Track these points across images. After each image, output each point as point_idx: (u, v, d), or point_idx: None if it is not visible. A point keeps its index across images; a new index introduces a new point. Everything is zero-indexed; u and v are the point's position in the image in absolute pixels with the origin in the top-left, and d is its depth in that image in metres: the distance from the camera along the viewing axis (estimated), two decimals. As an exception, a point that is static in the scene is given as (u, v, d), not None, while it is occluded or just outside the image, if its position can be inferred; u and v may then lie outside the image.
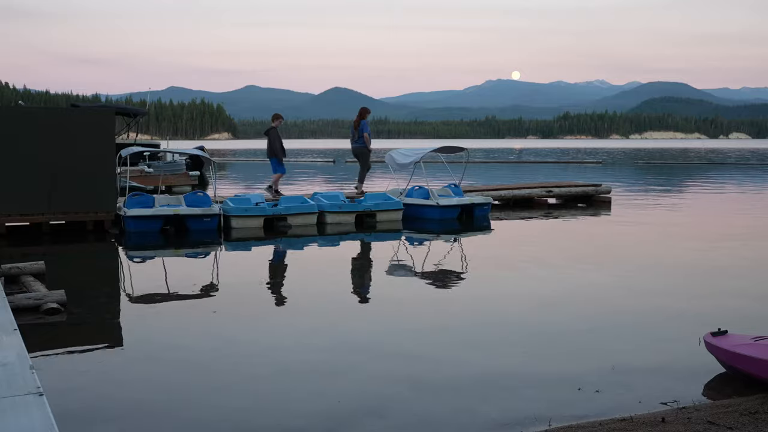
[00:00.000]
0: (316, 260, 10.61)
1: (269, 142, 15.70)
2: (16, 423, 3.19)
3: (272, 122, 16.02)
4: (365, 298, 7.88)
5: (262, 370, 5.33)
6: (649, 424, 4.13)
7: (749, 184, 26.96)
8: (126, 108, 25.54)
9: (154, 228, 12.57)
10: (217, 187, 17.53)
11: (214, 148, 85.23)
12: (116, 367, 5.43)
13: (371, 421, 4.39)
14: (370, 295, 8.04)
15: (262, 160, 52.59)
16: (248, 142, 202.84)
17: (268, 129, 15.88)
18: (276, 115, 16.26)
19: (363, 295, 8.10)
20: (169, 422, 4.38)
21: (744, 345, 5.00)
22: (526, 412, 4.46)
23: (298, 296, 7.88)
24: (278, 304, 7.58)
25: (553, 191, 17.90)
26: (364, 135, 16.01)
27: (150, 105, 44.81)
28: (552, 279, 8.71)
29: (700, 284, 8.49)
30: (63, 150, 12.27)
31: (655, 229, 13.56)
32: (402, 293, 8.16)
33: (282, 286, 8.57)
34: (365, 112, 16.40)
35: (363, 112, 16.31)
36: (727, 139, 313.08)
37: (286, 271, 9.68)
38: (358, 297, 7.97)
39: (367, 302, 7.69)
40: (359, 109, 16.42)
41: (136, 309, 7.31)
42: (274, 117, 16.23)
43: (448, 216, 14.48)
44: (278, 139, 15.64)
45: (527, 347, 5.85)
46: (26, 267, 8.20)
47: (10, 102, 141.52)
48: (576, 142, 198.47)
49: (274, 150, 15.65)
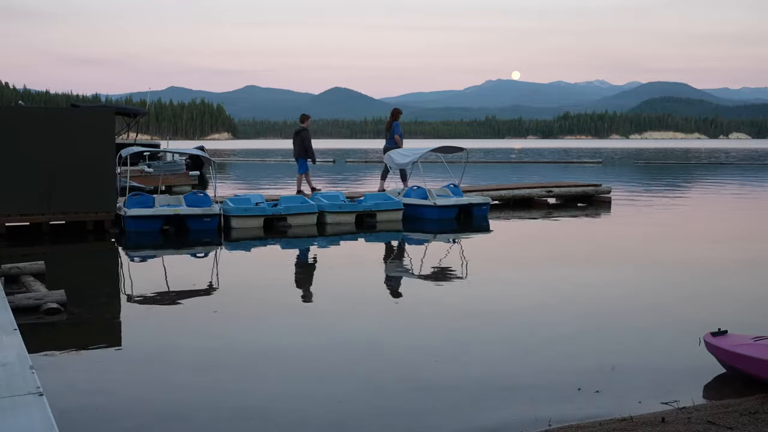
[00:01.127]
0: (316, 260, 10.61)
1: (301, 142, 16.12)
2: (16, 423, 3.19)
3: (302, 123, 16.45)
4: (365, 298, 7.87)
5: (262, 369, 5.33)
6: (649, 424, 4.13)
7: (749, 184, 26.95)
8: (126, 108, 25.53)
9: (154, 228, 12.57)
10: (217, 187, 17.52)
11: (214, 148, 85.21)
12: (116, 367, 5.43)
13: (372, 421, 4.39)
14: (370, 295, 8.03)
15: (262, 160, 52.61)
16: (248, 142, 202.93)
17: (300, 129, 16.30)
18: (306, 116, 16.65)
19: (363, 295, 8.08)
20: (169, 422, 4.38)
21: (744, 345, 5.00)
22: (526, 412, 4.46)
23: (298, 296, 7.88)
24: (278, 304, 7.57)
25: (553, 191, 17.90)
26: (395, 136, 16.42)
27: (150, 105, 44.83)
28: (552, 279, 8.71)
29: (700, 284, 8.49)
30: (63, 150, 12.27)
31: (656, 228, 13.56)
32: (401, 293, 8.17)
33: (282, 286, 8.57)
34: (397, 113, 16.85)
35: (395, 113, 16.74)
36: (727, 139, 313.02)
37: (286, 271, 9.67)
38: (357, 297, 7.96)
39: (367, 302, 7.67)
40: (391, 111, 16.86)
41: (136, 309, 7.31)
42: (304, 118, 16.61)
43: (445, 216, 14.47)
44: (309, 140, 16.14)
45: (527, 347, 5.85)
46: (26, 267, 8.20)
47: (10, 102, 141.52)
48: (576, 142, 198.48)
49: (307, 150, 16.07)
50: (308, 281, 8.76)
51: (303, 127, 16.33)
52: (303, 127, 16.33)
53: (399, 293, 8.20)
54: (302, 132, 16.21)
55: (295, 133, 16.51)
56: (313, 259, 10.78)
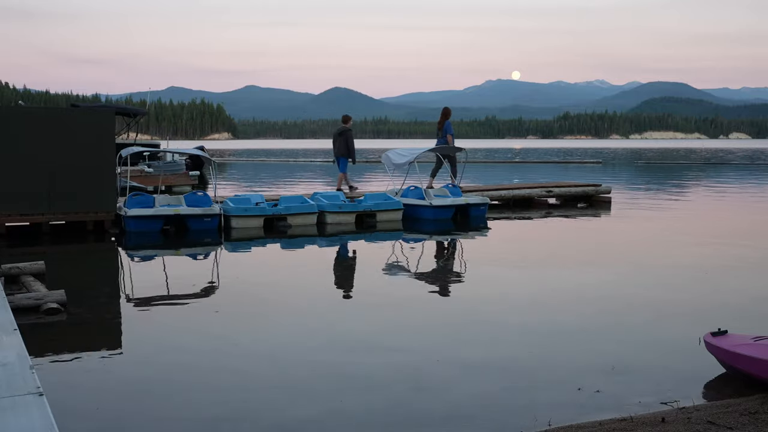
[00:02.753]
0: (316, 260, 10.60)
1: (344, 141, 16.56)
2: (16, 423, 3.19)
3: (345, 123, 16.93)
4: (365, 298, 7.87)
5: (262, 369, 5.33)
6: (649, 424, 4.13)
7: (750, 183, 26.95)
8: (126, 108, 25.52)
9: (154, 228, 12.57)
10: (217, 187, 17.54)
11: (214, 148, 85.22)
12: (116, 367, 5.43)
13: (372, 421, 4.39)
14: (370, 295, 8.02)
15: (262, 160, 52.59)
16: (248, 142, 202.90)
17: (343, 130, 16.76)
18: (348, 117, 17.20)
19: (363, 295, 8.08)
20: (169, 422, 4.38)
21: (744, 345, 5.00)
22: (526, 412, 4.46)
23: (298, 296, 7.88)
24: (278, 304, 7.57)
25: (553, 191, 17.90)
26: (447, 136, 16.70)
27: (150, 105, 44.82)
28: (552, 279, 8.70)
29: (700, 284, 8.48)
30: (63, 150, 12.27)
31: (656, 228, 13.55)
32: (401, 293, 8.16)
33: (282, 286, 8.57)
34: (449, 112, 17.09)
35: (446, 113, 16.96)
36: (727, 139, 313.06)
37: (286, 271, 9.67)
38: (357, 297, 7.97)
39: (367, 302, 7.67)
40: (442, 110, 17.06)
41: (136, 309, 7.31)
42: (346, 119, 17.14)
43: (441, 216, 14.45)
44: (352, 140, 16.72)
45: (527, 347, 5.85)
46: (26, 267, 8.20)
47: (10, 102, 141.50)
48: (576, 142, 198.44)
49: (350, 149, 16.55)
50: (308, 281, 8.75)
51: (346, 127, 16.89)
52: (346, 127, 16.89)
53: (399, 293, 8.19)
54: (346, 132, 16.76)
55: (338, 133, 16.94)
56: (313, 259, 10.77)
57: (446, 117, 16.85)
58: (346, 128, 16.81)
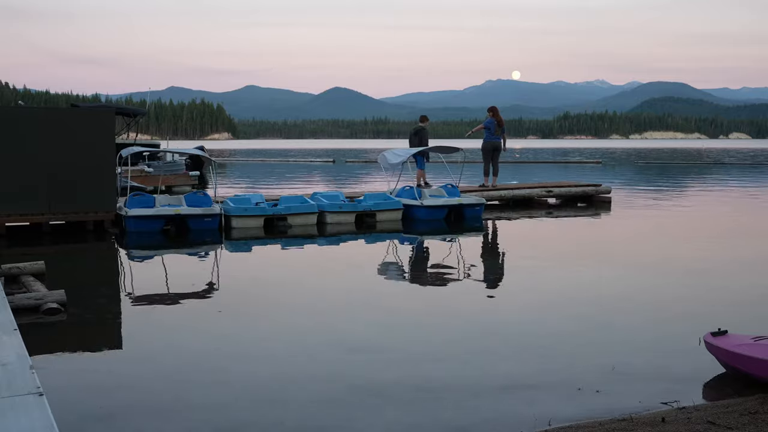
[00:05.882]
0: (316, 260, 10.60)
1: (419, 140, 17.05)
2: (16, 423, 3.19)
3: (421, 123, 17.54)
4: (365, 299, 7.87)
5: (263, 369, 5.33)
6: (649, 424, 4.13)
7: (750, 183, 26.95)
8: (126, 108, 25.52)
9: (155, 228, 12.58)
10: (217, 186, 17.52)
11: (214, 148, 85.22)
12: (116, 367, 5.43)
13: (372, 420, 4.39)
14: (370, 296, 8.03)
15: (262, 160, 52.60)
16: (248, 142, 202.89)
17: (419, 129, 17.38)
18: (425, 117, 17.87)
19: (363, 295, 8.08)
20: (169, 422, 4.38)
21: (744, 345, 5.00)
22: (526, 412, 4.46)
23: (298, 296, 7.88)
24: (278, 304, 7.57)
25: (553, 191, 17.89)
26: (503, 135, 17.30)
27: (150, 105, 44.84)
28: (552, 279, 8.71)
29: (700, 284, 8.48)
30: (63, 150, 12.28)
31: (655, 228, 13.56)
32: (401, 293, 8.17)
33: (282, 286, 8.56)
34: (497, 110, 17.52)
35: (496, 110, 17.42)
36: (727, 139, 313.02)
37: (286, 271, 9.67)
38: (357, 297, 7.96)
39: (367, 302, 7.67)
40: (493, 109, 17.51)
41: (136, 309, 7.31)
42: (423, 118, 17.81)
43: (434, 216, 14.39)
44: (427, 139, 17.26)
45: (527, 347, 5.85)
46: (26, 267, 8.20)
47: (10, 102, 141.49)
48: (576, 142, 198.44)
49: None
50: (308, 281, 8.75)
51: (422, 126, 17.46)
52: (422, 126, 17.46)
53: (399, 293, 8.19)
54: (421, 131, 17.32)
55: (414, 132, 17.55)
56: (312, 259, 10.77)
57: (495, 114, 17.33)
58: (422, 127, 17.44)
